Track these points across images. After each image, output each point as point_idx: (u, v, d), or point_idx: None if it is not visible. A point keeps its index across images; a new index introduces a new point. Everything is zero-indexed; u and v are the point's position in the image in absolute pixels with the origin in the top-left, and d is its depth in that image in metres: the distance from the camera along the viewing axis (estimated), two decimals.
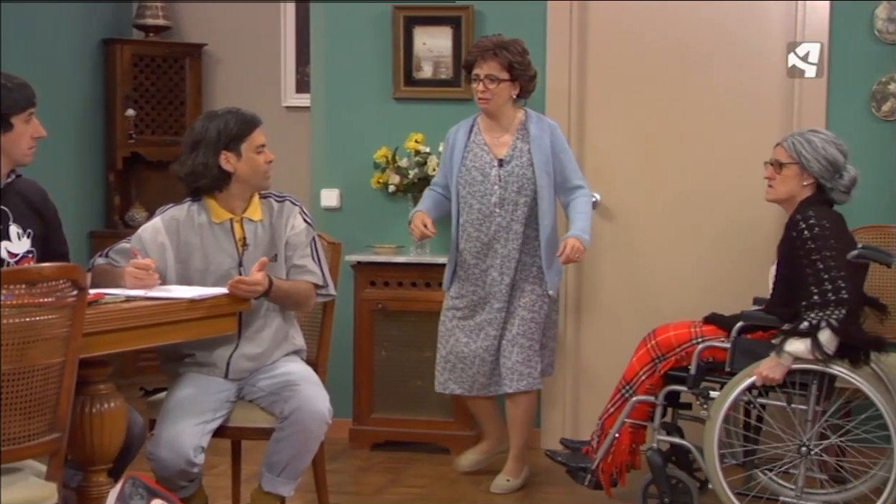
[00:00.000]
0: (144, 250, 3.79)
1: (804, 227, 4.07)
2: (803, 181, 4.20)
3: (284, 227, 3.91)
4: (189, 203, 3.90)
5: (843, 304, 3.97)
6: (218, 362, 3.85)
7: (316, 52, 5.63)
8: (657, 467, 4.30)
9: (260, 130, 3.89)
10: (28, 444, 2.87)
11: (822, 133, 4.25)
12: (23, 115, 3.43)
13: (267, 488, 3.80)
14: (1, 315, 2.76)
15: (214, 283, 3.78)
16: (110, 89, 6.59)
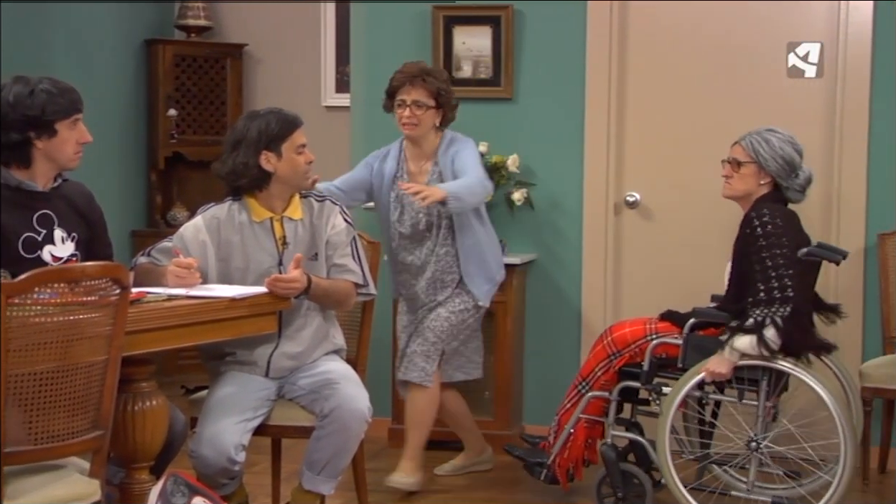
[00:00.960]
0: (186, 249, 3.81)
1: (757, 224, 4.12)
2: (760, 180, 4.25)
3: (325, 226, 3.93)
4: (230, 202, 3.93)
5: (787, 302, 4.02)
6: (259, 361, 3.87)
7: (356, 52, 5.65)
8: (611, 462, 4.36)
9: (301, 131, 3.91)
10: (72, 442, 2.90)
11: (779, 133, 4.29)
12: (67, 120, 3.45)
13: (308, 487, 3.81)
14: (46, 313, 2.79)
15: (254, 281, 3.80)
16: (152, 89, 6.65)
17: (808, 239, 4.27)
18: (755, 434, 4.18)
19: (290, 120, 3.90)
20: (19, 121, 3.39)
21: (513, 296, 5.25)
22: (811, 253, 4.17)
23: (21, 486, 2.86)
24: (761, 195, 4.26)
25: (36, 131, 3.41)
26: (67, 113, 3.44)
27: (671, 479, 4.24)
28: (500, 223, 5.42)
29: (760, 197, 4.25)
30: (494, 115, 5.46)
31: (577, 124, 5.39)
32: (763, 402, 4.17)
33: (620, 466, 4.36)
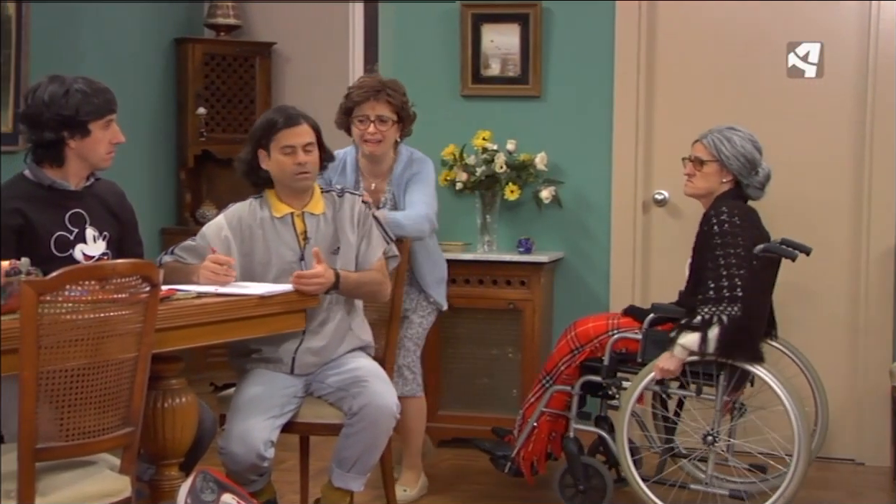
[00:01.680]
0: (208, 246, 3.84)
1: (715, 222, 4.18)
2: (722, 178, 4.29)
3: (350, 217, 3.93)
4: (252, 199, 3.95)
5: (736, 302, 4.07)
6: (284, 357, 3.89)
7: (384, 50, 5.66)
8: (572, 456, 4.41)
9: (293, 131, 3.83)
10: (102, 438, 2.92)
11: (739, 130, 4.33)
12: (101, 121, 3.47)
13: (338, 484, 3.82)
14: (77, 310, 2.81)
15: (277, 276, 3.82)
16: (182, 88, 6.68)
17: (767, 235, 4.32)
18: (711, 428, 4.23)
19: (279, 119, 3.86)
20: (54, 120, 3.42)
21: (540, 294, 5.25)
22: (767, 249, 4.20)
23: (52, 482, 2.88)
24: (722, 193, 4.30)
25: (70, 131, 3.43)
26: (101, 113, 3.46)
27: (629, 473, 4.29)
28: (527, 221, 5.43)
29: (721, 195, 4.29)
30: (522, 113, 5.46)
31: (606, 122, 5.38)
32: (720, 397, 4.20)
33: (582, 460, 4.41)
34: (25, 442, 2.78)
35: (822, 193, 5.24)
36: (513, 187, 5.29)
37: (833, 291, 5.24)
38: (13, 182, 3.53)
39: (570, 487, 4.42)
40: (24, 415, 2.76)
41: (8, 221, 3.40)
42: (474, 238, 5.42)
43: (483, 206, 5.37)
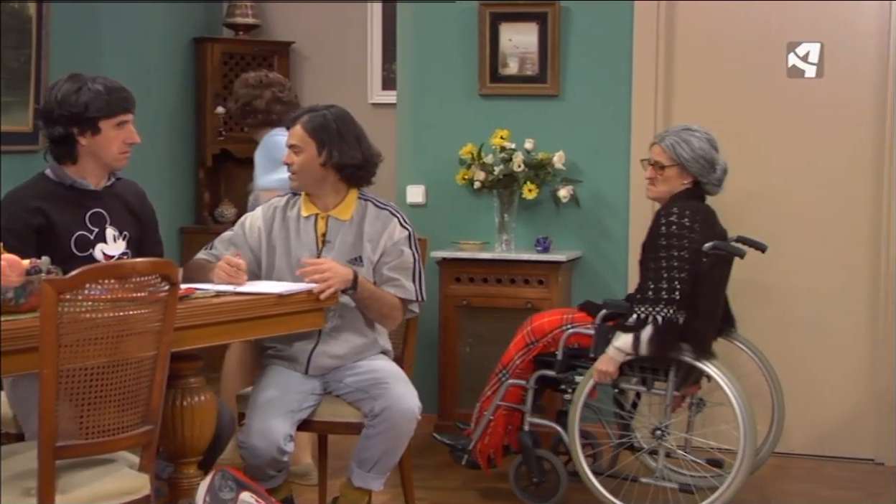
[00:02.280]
0: (244, 235, 3.88)
1: (663, 223, 4.22)
2: (683, 180, 4.32)
3: (381, 234, 3.88)
4: (291, 195, 3.96)
5: (672, 304, 4.12)
6: (299, 357, 3.89)
7: (402, 49, 5.66)
8: (527, 449, 4.47)
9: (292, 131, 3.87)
10: (122, 436, 2.93)
11: (696, 131, 4.36)
12: (112, 119, 3.48)
13: (358, 483, 3.82)
14: (96, 309, 2.82)
15: (294, 273, 3.81)
16: (201, 87, 6.69)
17: (722, 233, 4.37)
18: (660, 422, 4.32)
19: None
20: (64, 117, 3.45)
21: (558, 293, 5.25)
22: (716, 247, 4.22)
23: (72, 479, 2.89)
24: (678, 192, 4.34)
25: (80, 128, 3.46)
26: (112, 112, 3.47)
27: (580, 466, 4.35)
28: (545, 220, 5.43)
29: (676, 194, 4.33)
30: (540, 112, 5.45)
31: (624, 121, 5.37)
32: (670, 392, 4.26)
33: (537, 453, 4.45)
34: (45, 440, 2.79)
35: (842, 188, 5.22)
36: (531, 186, 5.29)
37: (850, 293, 5.22)
38: (35, 181, 3.55)
39: (525, 480, 4.50)
40: (44, 413, 2.78)
41: (29, 220, 3.42)
42: (492, 237, 5.42)
43: (501, 205, 5.37)
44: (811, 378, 5.24)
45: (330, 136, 3.83)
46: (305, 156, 3.84)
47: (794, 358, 5.25)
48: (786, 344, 5.26)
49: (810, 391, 5.24)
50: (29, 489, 2.82)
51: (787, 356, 5.26)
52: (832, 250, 5.22)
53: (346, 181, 3.90)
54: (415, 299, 3.90)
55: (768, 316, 5.28)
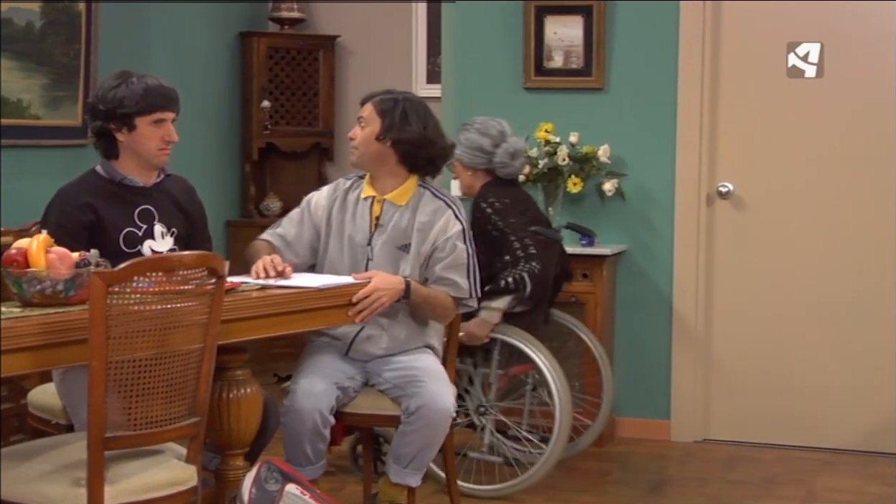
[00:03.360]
0: (309, 213, 3.93)
1: (485, 206, 4.49)
2: (469, 172, 4.62)
3: (432, 225, 3.86)
4: (357, 177, 3.99)
5: (533, 259, 4.41)
6: (342, 338, 3.90)
7: (447, 43, 5.66)
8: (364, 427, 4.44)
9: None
10: (169, 428, 2.95)
11: (468, 125, 4.60)
12: (148, 117, 3.50)
13: (395, 479, 3.82)
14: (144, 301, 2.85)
15: (348, 254, 3.85)
16: (247, 81, 6.74)
17: (540, 218, 4.65)
18: (484, 400, 4.56)
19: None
20: (103, 111, 3.50)
21: (603, 287, 5.23)
22: (536, 231, 4.47)
23: (121, 470, 2.92)
24: (485, 183, 4.59)
25: (116, 123, 3.50)
26: (147, 110, 3.49)
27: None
28: (590, 213, 5.41)
29: (483, 185, 4.60)
30: (585, 106, 5.43)
31: (670, 113, 5.34)
32: (494, 371, 4.54)
33: (374, 430, 4.38)
34: (94, 431, 2.82)
35: (885, 186, 5.17)
36: (575, 180, 5.28)
37: (881, 289, 5.16)
38: (85, 177, 3.59)
39: (361, 457, 4.53)
40: (93, 404, 2.81)
41: (79, 217, 3.46)
42: None
43: (545, 199, 5.36)
44: (858, 374, 5.20)
45: (394, 114, 3.86)
46: (368, 130, 3.87)
47: (840, 353, 5.21)
48: (831, 339, 5.22)
49: (858, 387, 5.19)
50: (79, 479, 2.85)
51: (833, 351, 5.22)
52: (862, 246, 5.17)
53: (405, 165, 3.89)
54: (469, 296, 3.88)
55: (814, 313, 5.24)
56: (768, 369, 5.32)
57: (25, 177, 5.15)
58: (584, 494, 4.61)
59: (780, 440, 5.27)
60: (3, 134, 5.07)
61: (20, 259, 2.96)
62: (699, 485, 4.73)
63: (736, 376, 5.36)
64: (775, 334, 5.30)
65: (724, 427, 5.37)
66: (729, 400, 5.37)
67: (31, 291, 2.94)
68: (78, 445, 2.94)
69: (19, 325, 2.79)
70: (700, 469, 4.97)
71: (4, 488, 2.86)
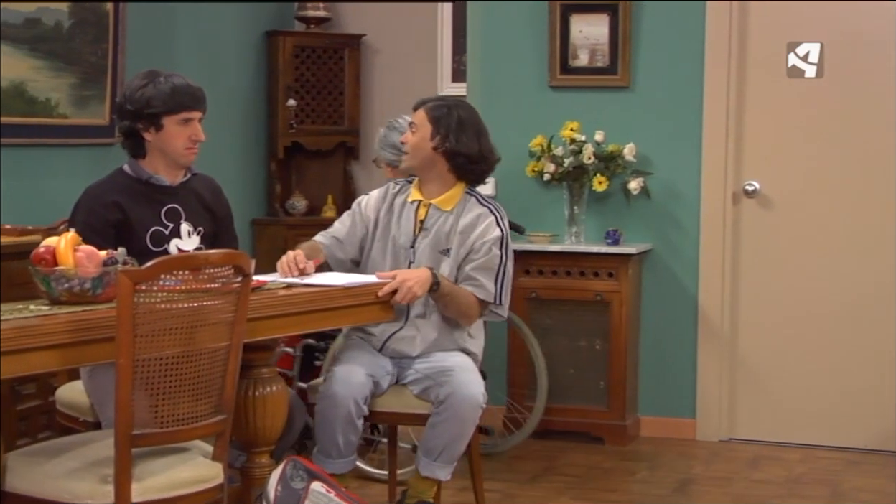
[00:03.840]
0: (360, 213, 3.97)
1: None
2: (390, 169, 4.46)
3: (473, 229, 3.88)
4: (406, 181, 4.01)
5: None
6: (378, 335, 3.93)
7: (472, 41, 5.66)
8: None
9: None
10: (196, 426, 2.96)
11: (391, 124, 4.50)
12: (175, 116, 3.52)
13: (425, 473, 3.83)
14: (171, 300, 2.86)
15: (391, 255, 3.88)
16: (273, 80, 6.76)
17: None
18: None
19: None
20: (130, 111, 3.51)
21: (628, 285, 5.22)
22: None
23: (148, 467, 2.94)
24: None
25: (143, 123, 3.52)
26: (174, 109, 3.51)
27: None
28: (615, 212, 5.41)
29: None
30: (611, 104, 5.43)
31: (695, 112, 5.33)
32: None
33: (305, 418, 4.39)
34: (122, 428, 2.83)
35: None
36: (601, 178, 5.27)
37: None
38: (113, 176, 3.61)
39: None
40: (120, 402, 2.82)
41: (107, 215, 3.48)
42: (562, 229, 5.41)
43: (571, 198, 5.36)
44: (884, 373, 5.17)
45: (448, 123, 3.88)
46: (420, 136, 3.90)
47: (866, 352, 5.18)
48: (857, 338, 5.20)
49: (884, 386, 5.16)
50: (106, 476, 2.87)
51: (859, 350, 5.20)
52: (889, 245, 5.16)
53: (455, 172, 3.92)
54: (493, 301, 3.89)
55: (841, 311, 5.22)
56: (794, 368, 5.30)
57: (53, 175, 5.19)
58: (609, 493, 4.61)
59: (806, 440, 5.25)
60: (32, 133, 5.11)
61: (48, 257, 2.98)
62: (724, 484, 4.72)
63: (761, 375, 5.35)
64: (801, 333, 5.28)
65: (749, 426, 5.36)
66: (754, 399, 5.35)
67: (59, 289, 2.96)
68: (105, 443, 2.96)
69: (48, 322, 2.81)
70: (725, 468, 4.95)
71: (33, 484, 2.88)
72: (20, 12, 4.99)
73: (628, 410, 5.30)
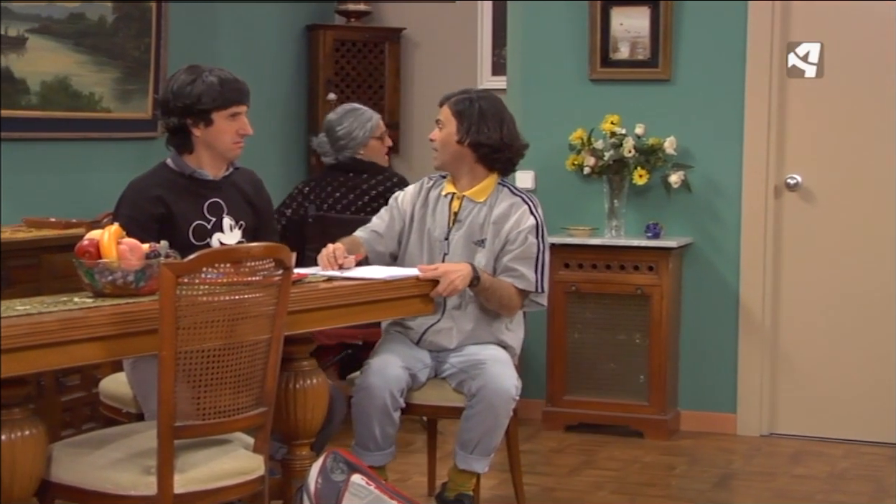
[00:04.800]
0: (397, 209, 3.99)
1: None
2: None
3: (507, 219, 3.90)
4: (440, 176, 4.04)
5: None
6: (416, 328, 3.94)
7: (512, 34, 5.65)
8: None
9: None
10: (237, 418, 2.98)
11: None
12: (224, 111, 3.54)
13: (462, 466, 3.84)
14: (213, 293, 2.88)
15: (426, 248, 3.90)
16: (313, 74, 6.78)
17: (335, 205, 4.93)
18: None
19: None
20: (179, 108, 3.53)
21: (668, 279, 5.20)
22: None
23: (190, 459, 2.96)
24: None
25: (193, 118, 3.53)
26: (224, 104, 3.54)
27: None
28: (656, 206, 5.39)
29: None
30: (651, 97, 5.40)
31: (737, 104, 5.29)
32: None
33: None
34: (164, 420, 2.86)
35: None
36: (641, 172, 5.25)
37: None
38: (156, 170, 3.64)
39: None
40: (163, 394, 2.85)
41: (150, 209, 3.51)
42: (602, 223, 5.39)
43: (611, 191, 5.34)
44: None
45: (470, 116, 3.90)
46: (446, 132, 3.93)
47: None
48: None
49: None
50: (149, 467, 2.90)
51: None
52: None
53: (484, 163, 3.94)
54: (534, 290, 3.89)
55: (883, 305, 5.17)
56: (836, 363, 5.26)
57: (97, 169, 5.24)
58: (649, 488, 4.60)
59: (849, 435, 5.21)
60: (76, 127, 5.16)
61: (92, 250, 3.02)
62: (765, 479, 4.69)
63: (803, 370, 5.31)
64: (843, 327, 5.24)
65: (790, 421, 5.32)
66: (796, 394, 5.32)
67: (102, 282, 2.99)
68: (148, 434, 2.99)
69: (91, 315, 2.85)
70: (766, 464, 4.93)
71: (77, 475, 2.92)
72: (65, 7, 5.04)
73: (668, 405, 5.28)
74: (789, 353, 5.32)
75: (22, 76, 4.86)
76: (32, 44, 4.89)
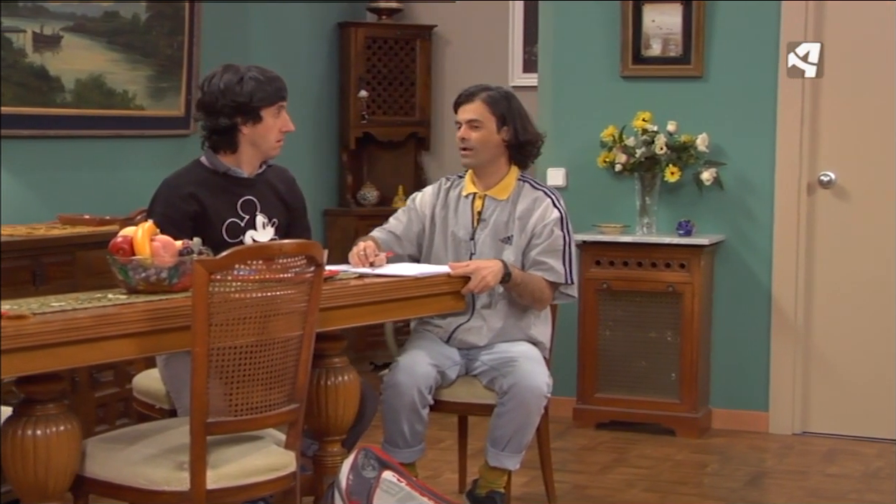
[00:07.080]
0: (416, 210, 3.99)
1: None
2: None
3: (531, 214, 3.90)
4: (456, 176, 4.04)
5: None
6: (445, 327, 3.95)
7: (544, 31, 5.65)
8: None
9: (465, 107, 3.91)
10: (269, 414, 3.00)
11: None
12: (272, 108, 3.56)
13: (493, 463, 3.85)
14: (245, 290, 2.90)
15: (452, 249, 3.90)
16: (344, 71, 6.79)
17: None
18: None
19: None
20: (228, 107, 3.52)
21: (700, 277, 5.19)
22: None
23: (222, 455, 2.98)
24: None
25: (243, 117, 3.54)
26: (272, 100, 3.56)
27: None
28: (688, 203, 5.37)
29: None
30: (683, 94, 5.38)
31: (769, 102, 5.26)
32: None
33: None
34: (197, 416, 2.88)
35: None
36: (673, 169, 5.23)
37: None
38: (190, 168, 3.66)
39: None
40: (195, 390, 2.87)
41: (184, 207, 3.53)
42: (633, 220, 5.37)
43: (642, 188, 5.33)
44: None
45: (511, 113, 3.89)
46: (485, 131, 3.89)
47: None
48: None
49: None
50: (181, 463, 2.92)
51: None
52: None
53: (512, 159, 3.95)
54: (564, 282, 3.89)
55: None
56: (869, 361, 5.22)
57: (130, 166, 5.28)
58: (681, 486, 4.58)
59: (882, 434, 5.18)
60: (110, 125, 5.19)
61: (126, 247, 3.04)
62: (798, 478, 4.67)
63: (836, 368, 5.28)
64: (877, 325, 5.20)
65: (823, 420, 5.29)
66: (829, 392, 5.29)
67: (136, 279, 3.01)
68: (181, 430, 3.01)
69: (125, 311, 2.87)
70: (799, 462, 4.90)
71: (111, 470, 2.94)
72: (99, 6, 5.08)
73: (700, 402, 5.26)
74: (822, 351, 5.29)
75: (57, 74, 4.90)
76: (67, 42, 4.92)
